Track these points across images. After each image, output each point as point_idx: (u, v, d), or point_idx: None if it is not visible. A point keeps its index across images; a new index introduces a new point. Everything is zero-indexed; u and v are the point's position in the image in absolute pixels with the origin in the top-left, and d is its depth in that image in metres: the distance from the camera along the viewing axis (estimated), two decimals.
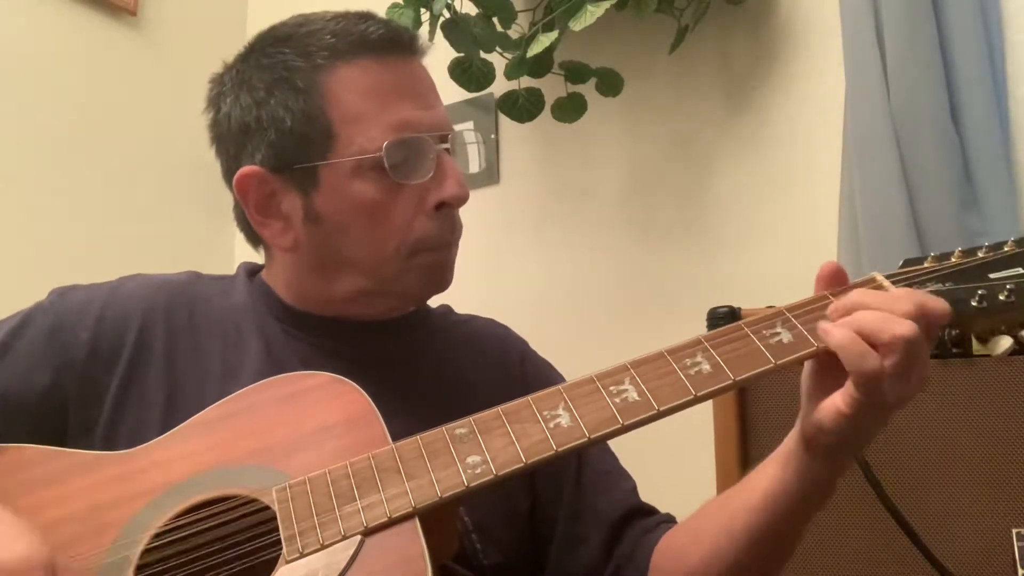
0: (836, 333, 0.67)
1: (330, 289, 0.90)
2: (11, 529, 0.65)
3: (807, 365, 0.72)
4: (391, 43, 0.87)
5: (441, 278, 0.91)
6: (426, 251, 0.87)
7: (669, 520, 0.92)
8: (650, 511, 0.93)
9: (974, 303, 0.70)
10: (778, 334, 0.71)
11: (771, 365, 0.70)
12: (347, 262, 0.88)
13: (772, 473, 0.76)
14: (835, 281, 0.75)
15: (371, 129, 0.84)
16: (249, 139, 0.87)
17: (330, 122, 0.84)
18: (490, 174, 2.01)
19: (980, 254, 0.73)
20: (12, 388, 0.84)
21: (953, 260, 0.74)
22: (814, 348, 0.70)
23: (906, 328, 0.65)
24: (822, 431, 0.70)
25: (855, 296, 0.70)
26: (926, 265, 0.74)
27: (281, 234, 0.88)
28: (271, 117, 0.86)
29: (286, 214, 0.88)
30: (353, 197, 0.85)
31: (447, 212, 0.88)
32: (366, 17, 0.88)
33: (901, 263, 0.76)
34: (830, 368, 0.69)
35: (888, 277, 0.74)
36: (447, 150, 0.88)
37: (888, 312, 0.67)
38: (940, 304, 0.68)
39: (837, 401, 0.68)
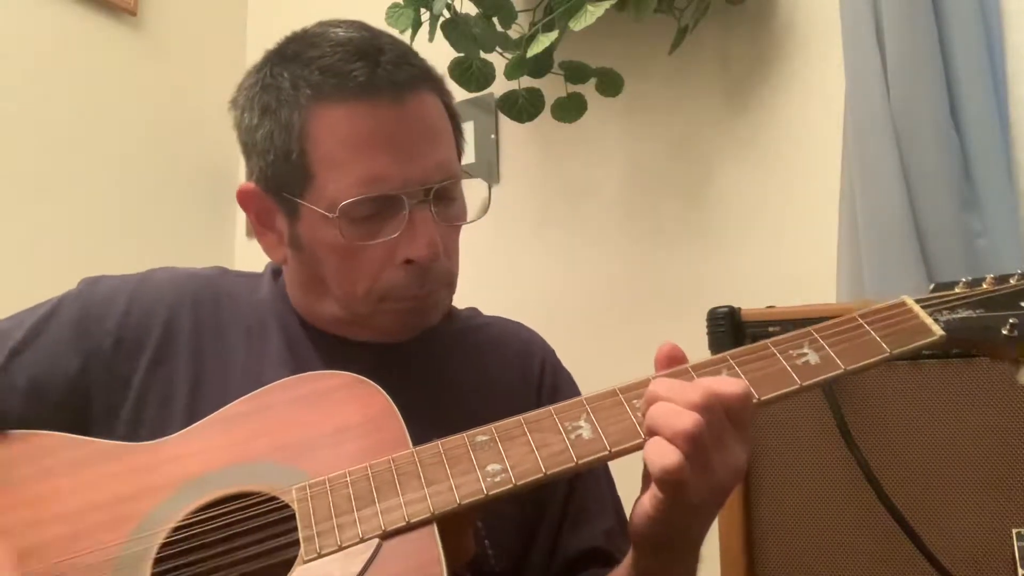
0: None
1: (317, 308, 0.91)
2: None
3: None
4: (375, 89, 0.82)
5: (417, 321, 0.90)
6: (394, 300, 0.86)
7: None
8: (607, 559, 0.89)
9: (1005, 331, 0.70)
10: (805, 355, 0.71)
11: (797, 386, 0.69)
12: (327, 289, 0.89)
13: (626, 564, 0.77)
14: (671, 363, 0.72)
15: (343, 178, 0.81)
16: (249, 157, 0.89)
17: (309, 163, 0.83)
18: (490, 174, 2.01)
19: (1012, 281, 0.72)
20: (40, 373, 0.85)
21: (984, 286, 0.73)
22: (842, 370, 0.70)
23: (687, 422, 0.63)
24: (636, 532, 0.70)
25: (651, 388, 0.67)
26: (957, 291, 0.74)
27: (275, 247, 0.91)
28: (261, 145, 0.86)
29: (279, 230, 0.89)
30: (325, 240, 0.84)
31: (417, 267, 0.85)
32: (362, 54, 0.83)
33: (932, 287, 0.76)
34: None
35: (918, 302, 0.73)
36: (429, 202, 0.83)
37: (674, 404, 0.64)
38: (733, 386, 0.65)
39: (645, 501, 0.67)
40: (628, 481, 0.95)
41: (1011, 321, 0.70)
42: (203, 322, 0.90)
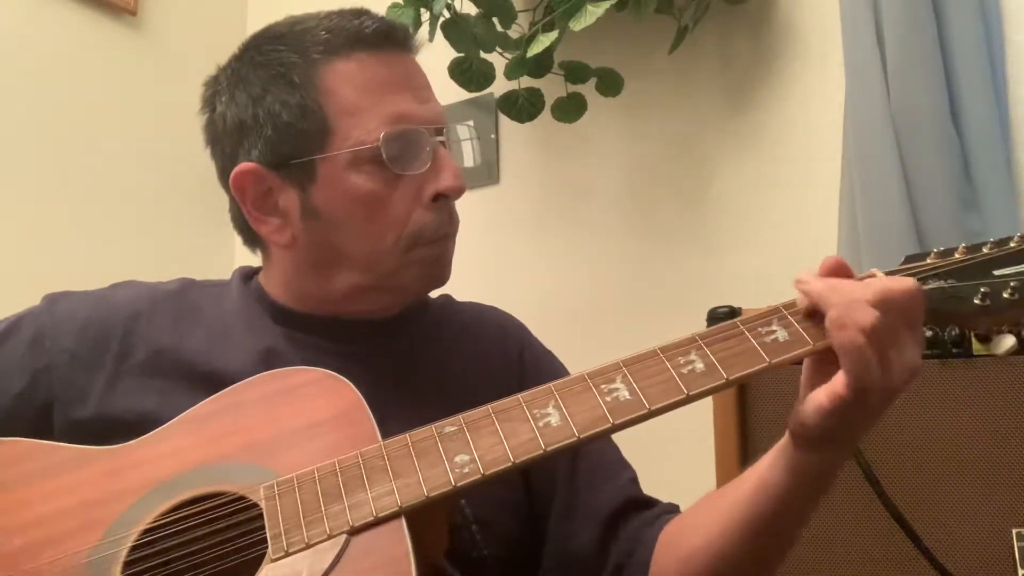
0: (843, 336, 0.66)
1: (328, 286, 0.90)
2: None
3: (808, 360, 0.71)
4: (385, 38, 0.87)
5: (439, 273, 0.91)
6: (424, 244, 0.87)
7: (671, 511, 0.90)
8: (649, 503, 0.90)
9: (977, 301, 0.68)
10: (774, 332, 0.70)
11: (765, 364, 0.69)
12: (345, 258, 0.88)
13: (764, 466, 0.76)
14: (836, 272, 0.73)
15: (368, 121, 0.84)
16: (245, 136, 0.87)
17: (327, 116, 0.85)
18: (490, 174, 2.01)
19: (984, 250, 0.71)
20: None
21: (956, 256, 0.71)
22: (810, 346, 0.69)
23: (868, 316, 0.64)
24: (804, 425, 0.69)
25: (815, 287, 0.69)
26: (928, 261, 0.72)
27: (278, 231, 0.88)
28: (268, 113, 0.86)
29: (283, 210, 0.88)
30: (350, 190, 0.85)
31: (444, 204, 0.88)
32: (360, 13, 0.89)
33: (903, 259, 0.75)
34: (827, 363, 0.68)
35: (888, 274, 0.72)
36: (442, 143, 0.88)
37: (850, 301, 0.65)
38: (902, 284, 0.67)
39: (820, 396, 0.67)
40: (633, 460, 0.96)
41: (983, 290, 0.68)
42: (161, 334, 0.89)
